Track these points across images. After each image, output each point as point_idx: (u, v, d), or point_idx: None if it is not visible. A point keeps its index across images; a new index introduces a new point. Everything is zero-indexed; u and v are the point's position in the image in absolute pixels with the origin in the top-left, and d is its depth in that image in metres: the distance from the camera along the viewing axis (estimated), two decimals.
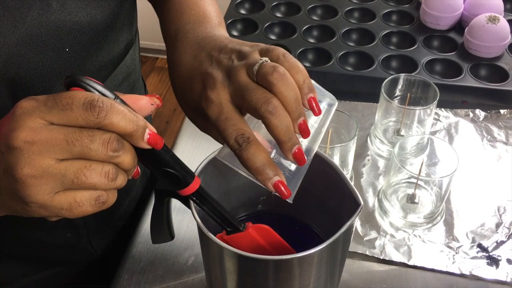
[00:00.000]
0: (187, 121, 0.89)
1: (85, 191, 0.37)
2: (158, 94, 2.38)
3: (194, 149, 0.83)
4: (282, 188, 0.44)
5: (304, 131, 0.45)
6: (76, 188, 0.36)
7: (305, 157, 0.45)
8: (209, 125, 0.51)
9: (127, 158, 0.37)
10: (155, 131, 0.38)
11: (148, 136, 0.37)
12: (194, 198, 0.45)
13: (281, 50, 0.47)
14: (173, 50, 0.54)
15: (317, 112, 0.47)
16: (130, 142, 0.37)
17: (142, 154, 0.39)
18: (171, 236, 0.51)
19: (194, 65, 0.50)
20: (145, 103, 0.41)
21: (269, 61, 0.45)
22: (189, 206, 0.47)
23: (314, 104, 0.47)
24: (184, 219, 0.72)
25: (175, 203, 0.48)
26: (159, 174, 0.42)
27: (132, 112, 0.37)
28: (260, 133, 0.47)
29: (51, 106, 0.35)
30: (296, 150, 0.44)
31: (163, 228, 0.50)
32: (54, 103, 0.35)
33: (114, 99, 0.37)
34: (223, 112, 0.44)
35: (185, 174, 0.43)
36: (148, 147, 0.38)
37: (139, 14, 0.70)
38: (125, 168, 0.38)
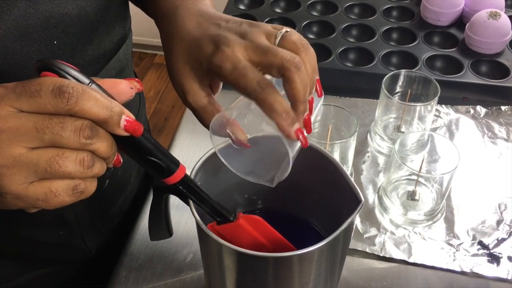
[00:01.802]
0: (186, 118, 0.88)
1: (61, 180, 0.36)
2: (157, 91, 2.39)
3: (193, 146, 0.83)
4: (301, 137, 0.44)
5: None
6: (51, 177, 0.35)
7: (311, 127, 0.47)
8: (204, 94, 0.50)
9: (102, 145, 0.36)
10: (133, 117, 0.37)
11: (125, 123, 0.36)
12: (181, 188, 0.44)
13: (293, 30, 0.48)
14: (173, 18, 0.53)
15: (319, 94, 0.49)
16: (105, 129, 0.36)
17: (121, 142, 0.38)
18: (169, 233, 0.51)
19: (200, 30, 0.50)
20: (124, 87, 0.39)
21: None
22: (187, 203, 0.46)
23: (318, 86, 0.49)
24: (183, 216, 0.71)
25: (174, 200, 0.47)
26: (141, 162, 0.41)
27: (107, 98, 0.35)
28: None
29: (19, 93, 0.34)
30: (307, 117, 0.46)
31: (161, 225, 0.49)
32: (22, 90, 0.34)
33: (89, 84, 0.36)
34: (241, 62, 0.44)
35: (169, 163, 0.41)
36: (125, 134, 0.37)
37: (137, 10, 0.70)
38: (102, 156, 0.36)
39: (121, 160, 0.41)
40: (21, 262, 0.66)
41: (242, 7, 1.12)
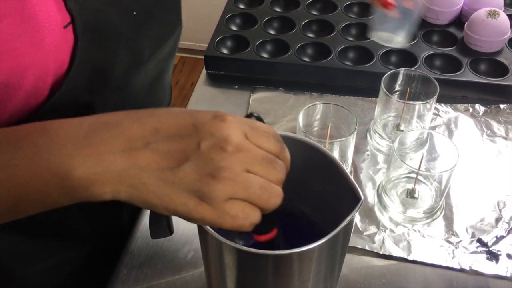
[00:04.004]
0: None
1: (252, 206, 0.39)
2: None
3: None
4: None
5: None
6: (250, 200, 0.39)
7: None
8: None
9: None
10: None
11: None
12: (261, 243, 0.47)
13: None
14: None
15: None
16: None
17: None
18: (170, 231, 0.51)
19: None
20: None
21: None
22: None
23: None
24: None
25: None
26: None
27: None
28: None
29: (251, 128, 0.40)
30: None
31: (162, 223, 0.50)
32: (253, 126, 0.40)
33: None
34: None
35: (274, 226, 0.46)
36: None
37: None
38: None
39: None
40: (58, 240, 0.68)
41: (242, 6, 1.12)
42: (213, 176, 0.37)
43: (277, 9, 1.10)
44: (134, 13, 0.55)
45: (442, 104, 0.90)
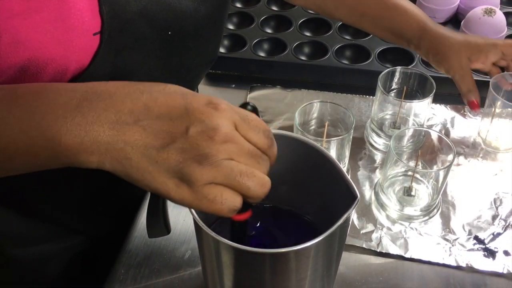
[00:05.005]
0: None
1: (233, 192, 0.39)
2: None
3: None
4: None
5: None
6: (230, 185, 0.39)
7: None
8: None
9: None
10: None
11: None
12: (236, 224, 0.48)
13: None
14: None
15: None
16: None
17: None
18: (167, 230, 0.51)
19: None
20: None
21: None
22: None
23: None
24: (181, 213, 0.72)
25: None
26: None
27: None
28: None
29: (243, 120, 0.40)
30: None
31: (159, 222, 0.49)
32: (246, 118, 0.41)
33: None
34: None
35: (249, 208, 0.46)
36: None
37: None
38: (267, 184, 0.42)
39: None
40: (54, 227, 0.70)
41: (238, 5, 1.12)
42: (196, 160, 0.38)
43: (274, 8, 1.10)
44: (169, 32, 0.57)
45: (438, 104, 0.90)
